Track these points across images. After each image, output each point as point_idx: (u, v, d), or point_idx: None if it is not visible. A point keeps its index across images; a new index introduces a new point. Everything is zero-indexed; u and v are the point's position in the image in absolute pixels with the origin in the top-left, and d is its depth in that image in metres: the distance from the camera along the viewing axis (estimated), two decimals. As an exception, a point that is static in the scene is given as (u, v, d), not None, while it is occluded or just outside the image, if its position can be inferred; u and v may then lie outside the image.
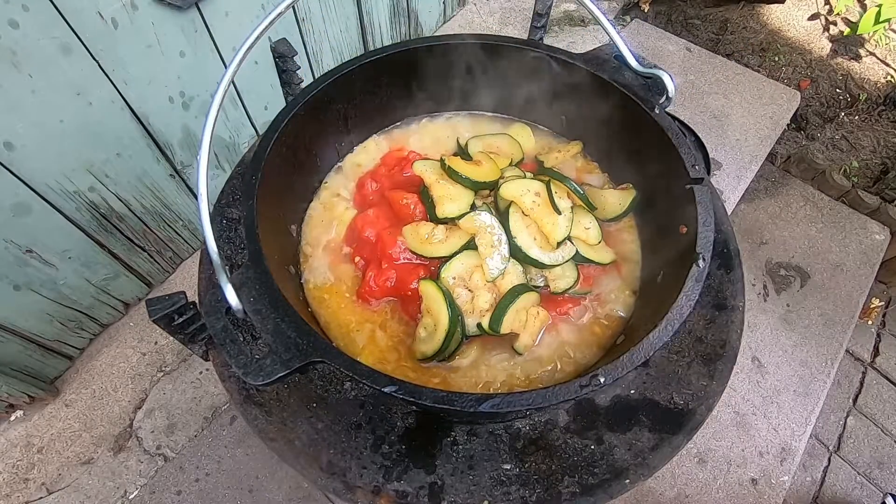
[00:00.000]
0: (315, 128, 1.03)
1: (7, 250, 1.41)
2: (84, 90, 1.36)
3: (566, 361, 0.94)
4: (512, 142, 1.16)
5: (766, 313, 2.20)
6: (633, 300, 1.00)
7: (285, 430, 0.88)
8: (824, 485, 1.99)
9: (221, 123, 1.82)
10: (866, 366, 2.28)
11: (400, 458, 0.87)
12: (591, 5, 0.92)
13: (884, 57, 2.89)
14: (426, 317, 0.92)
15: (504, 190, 1.00)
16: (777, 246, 2.40)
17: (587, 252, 0.99)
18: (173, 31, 1.47)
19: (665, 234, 0.96)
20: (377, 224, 1.03)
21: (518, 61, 1.10)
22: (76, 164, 1.45)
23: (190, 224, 1.93)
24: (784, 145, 2.72)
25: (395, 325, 0.97)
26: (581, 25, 2.91)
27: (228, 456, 1.69)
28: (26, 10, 1.16)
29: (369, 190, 1.10)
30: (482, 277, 0.93)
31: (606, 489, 0.83)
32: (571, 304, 0.99)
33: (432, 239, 0.97)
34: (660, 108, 0.94)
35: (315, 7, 1.89)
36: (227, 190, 1.13)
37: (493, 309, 0.91)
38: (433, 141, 1.21)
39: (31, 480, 1.63)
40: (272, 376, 0.65)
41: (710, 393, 0.92)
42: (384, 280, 0.96)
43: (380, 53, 1.04)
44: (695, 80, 2.63)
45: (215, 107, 0.72)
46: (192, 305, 0.73)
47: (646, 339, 0.71)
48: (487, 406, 0.64)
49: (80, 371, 1.80)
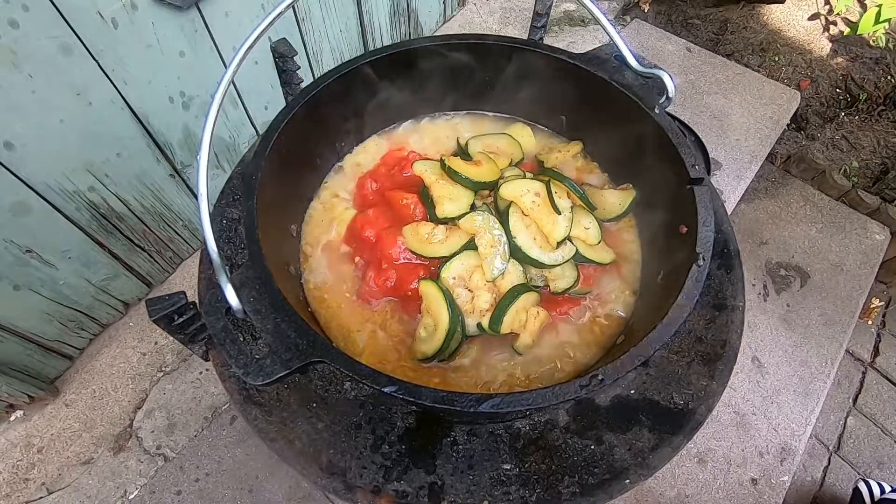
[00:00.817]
0: (315, 128, 1.03)
1: (7, 250, 1.41)
2: (84, 90, 1.36)
3: (566, 361, 0.94)
4: (512, 142, 1.16)
5: (766, 313, 2.20)
6: (633, 300, 1.00)
7: (285, 430, 0.88)
8: (824, 485, 1.99)
9: (221, 123, 1.82)
10: (866, 366, 2.28)
11: (400, 458, 0.87)
12: (591, 5, 0.92)
13: (884, 57, 2.89)
14: (426, 317, 0.92)
15: (504, 190, 1.00)
16: (777, 246, 2.40)
17: (587, 252, 0.99)
18: (173, 31, 1.47)
19: (665, 234, 0.96)
20: (377, 224, 1.03)
21: (518, 61, 1.10)
22: (76, 164, 1.45)
23: (190, 224, 1.93)
24: (784, 145, 2.72)
25: (396, 325, 0.96)
26: (581, 25, 2.91)
27: (228, 456, 1.69)
28: (26, 10, 1.16)
29: (369, 190, 1.10)
30: (482, 277, 0.93)
31: (606, 489, 0.83)
32: (571, 304, 0.99)
33: (432, 239, 0.97)
34: (660, 108, 0.94)
35: (315, 7, 1.89)
36: (227, 190, 1.13)
37: (493, 309, 0.91)
38: (433, 141, 1.21)
39: (31, 480, 1.63)
40: (272, 376, 0.65)
41: (710, 393, 0.92)
42: (384, 280, 0.96)
43: (380, 53, 1.04)
44: (695, 80, 2.63)
45: (215, 107, 0.72)
46: (192, 305, 0.73)
47: (646, 339, 0.71)
48: (487, 406, 0.64)
49: (80, 371, 1.80)
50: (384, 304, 0.99)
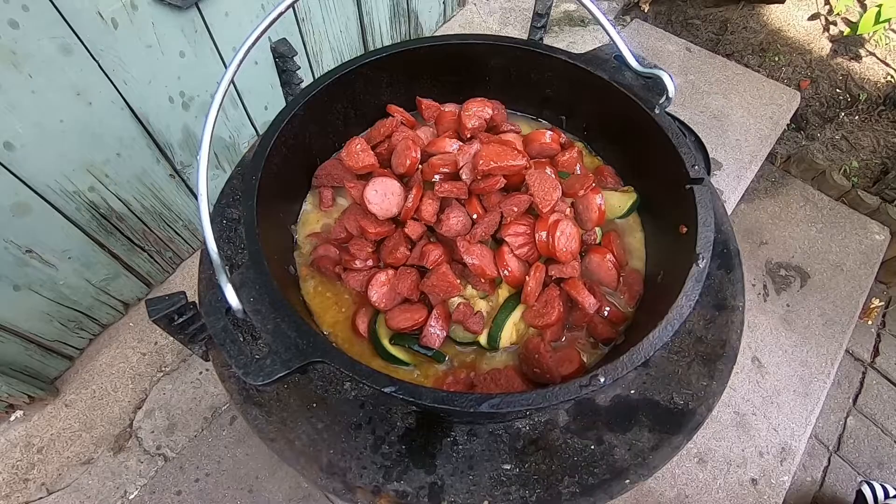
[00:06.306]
0: (315, 128, 1.03)
1: (7, 250, 1.41)
2: (84, 90, 1.36)
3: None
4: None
5: (766, 313, 2.20)
6: (632, 300, 1.00)
7: (285, 430, 0.88)
8: (824, 485, 1.99)
9: (221, 123, 1.82)
10: (866, 366, 2.27)
11: (400, 458, 0.87)
12: (591, 5, 0.92)
13: (884, 57, 2.89)
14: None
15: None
16: (777, 246, 2.40)
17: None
18: (173, 31, 1.47)
19: (665, 234, 0.96)
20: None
21: (518, 61, 1.10)
22: (76, 164, 1.45)
23: (190, 224, 1.93)
24: (784, 145, 2.72)
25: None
26: (581, 25, 2.91)
27: (228, 456, 1.69)
28: (26, 10, 1.16)
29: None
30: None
31: (606, 489, 0.83)
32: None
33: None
34: (660, 108, 0.94)
35: (315, 7, 1.89)
36: (227, 190, 1.13)
37: (490, 325, 0.92)
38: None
39: (31, 480, 1.63)
40: (272, 376, 0.65)
41: (710, 393, 0.92)
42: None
43: (380, 53, 1.04)
44: (695, 80, 2.63)
45: (215, 107, 0.72)
46: (192, 305, 0.73)
47: (646, 339, 0.71)
48: (487, 406, 0.64)
49: (80, 371, 1.80)
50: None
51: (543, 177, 0.94)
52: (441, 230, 0.94)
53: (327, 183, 1.07)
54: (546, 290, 0.92)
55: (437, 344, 0.90)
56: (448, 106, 1.16)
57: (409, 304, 0.93)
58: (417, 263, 0.94)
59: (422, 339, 0.89)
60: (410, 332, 0.91)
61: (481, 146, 0.98)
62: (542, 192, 0.93)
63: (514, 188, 1.00)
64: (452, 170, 0.99)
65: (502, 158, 0.93)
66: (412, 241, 0.97)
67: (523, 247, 0.93)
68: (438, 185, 0.96)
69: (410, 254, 0.95)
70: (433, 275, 0.90)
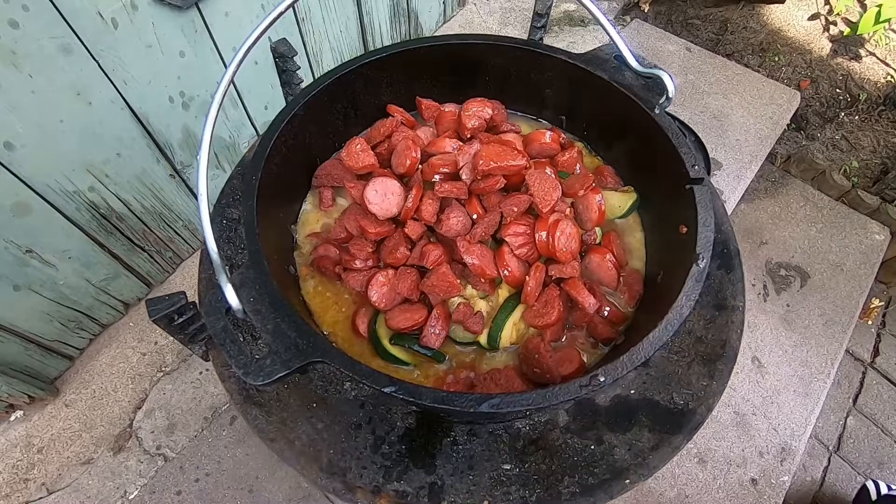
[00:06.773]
0: (315, 128, 1.03)
1: (7, 250, 1.41)
2: (84, 90, 1.36)
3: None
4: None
5: (766, 313, 2.20)
6: (632, 301, 1.00)
7: (285, 430, 0.88)
8: (824, 485, 1.99)
9: (221, 123, 1.82)
10: (866, 366, 2.27)
11: (400, 458, 0.87)
12: (591, 5, 0.92)
13: (884, 57, 2.89)
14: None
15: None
16: (777, 246, 2.40)
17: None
18: (173, 31, 1.47)
19: (665, 234, 0.96)
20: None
21: (518, 61, 1.10)
22: (76, 164, 1.45)
23: (190, 224, 1.93)
24: (784, 145, 2.72)
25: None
26: (581, 25, 2.91)
27: (228, 456, 1.69)
28: (26, 10, 1.16)
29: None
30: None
31: (606, 489, 0.83)
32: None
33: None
34: (660, 108, 0.94)
35: (315, 7, 1.89)
36: (227, 190, 1.13)
37: (490, 325, 0.92)
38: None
39: (31, 480, 1.63)
40: (272, 376, 0.65)
41: (710, 393, 0.92)
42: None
43: (380, 53, 1.04)
44: (695, 80, 2.63)
45: (215, 107, 0.72)
46: (192, 305, 0.73)
47: (646, 339, 0.71)
48: (487, 406, 0.64)
49: (80, 371, 1.80)
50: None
51: (543, 177, 0.94)
52: (441, 230, 0.94)
53: (327, 183, 1.07)
54: (546, 290, 0.92)
55: (437, 344, 0.90)
56: (448, 106, 1.16)
57: (409, 304, 0.93)
58: (417, 263, 0.94)
59: (422, 339, 0.89)
60: (410, 332, 0.91)
61: (481, 146, 0.98)
62: (541, 192, 0.93)
63: (514, 188, 1.00)
64: (452, 170, 0.99)
65: (502, 158, 0.93)
66: (412, 241, 0.97)
67: (523, 247, 0.93)
68: (438, 185, 0.96)
69: (410, 254, 0.95)
70: (433, 275, 0.90)
